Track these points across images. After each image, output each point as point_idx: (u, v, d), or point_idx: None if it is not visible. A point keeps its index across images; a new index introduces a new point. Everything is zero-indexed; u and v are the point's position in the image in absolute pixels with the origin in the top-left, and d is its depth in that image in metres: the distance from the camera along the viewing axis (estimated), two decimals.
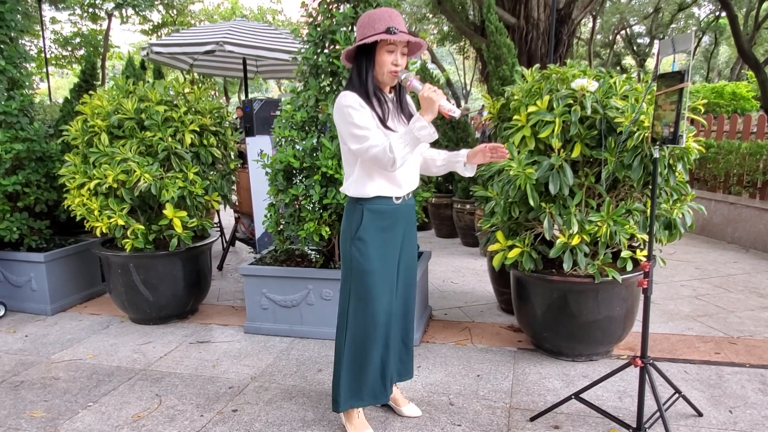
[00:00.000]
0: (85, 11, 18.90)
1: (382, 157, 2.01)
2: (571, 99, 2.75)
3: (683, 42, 1.99)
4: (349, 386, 2.34)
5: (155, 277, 3.69)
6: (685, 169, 2.79)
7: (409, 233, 2.38)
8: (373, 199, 2.20)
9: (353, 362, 2.32)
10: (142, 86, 3.74)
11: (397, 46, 2.09)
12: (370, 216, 2.21)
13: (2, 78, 3.99)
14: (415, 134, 1.99)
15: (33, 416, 2.66)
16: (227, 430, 2.49)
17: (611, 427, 2.44)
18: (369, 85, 2.12)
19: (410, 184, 2.30)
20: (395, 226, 2.28)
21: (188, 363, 3.22)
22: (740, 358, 3.08)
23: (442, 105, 1.97)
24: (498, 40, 3.87)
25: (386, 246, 2.26)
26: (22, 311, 4.16)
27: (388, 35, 2.02)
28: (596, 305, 2.93)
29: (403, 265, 2.37)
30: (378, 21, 2.05)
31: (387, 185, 2.20)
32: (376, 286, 2.24)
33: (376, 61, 2.11)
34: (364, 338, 2.29)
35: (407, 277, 2.43)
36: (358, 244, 2.22)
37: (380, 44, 2.08)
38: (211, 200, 3.81)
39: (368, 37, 2.04)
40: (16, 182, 3.96)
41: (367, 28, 2.06)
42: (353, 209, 2.25)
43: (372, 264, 2.22)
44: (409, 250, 2.41)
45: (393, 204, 2.25)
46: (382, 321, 2.28)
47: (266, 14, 23.72)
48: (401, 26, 2.07)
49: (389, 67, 2.10)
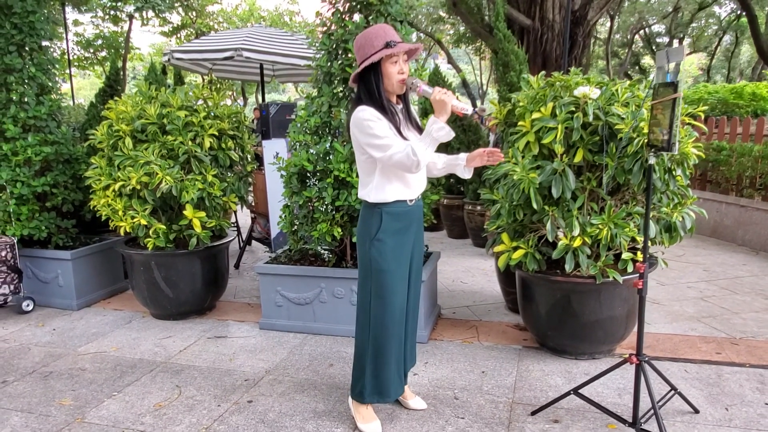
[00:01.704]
0: (107, 13, 19.31)
1: (406, 161, 2.16)
2: (574, 106, 2.85)
3: (676, 54, 2.09)
4: (372, 381, 2.47)
5: (175, 275, 3.87)
6: (685, 174, 2.88)
7: (419, 233, 2.55)
8: (392, 203, 2.36)
9: (376, 358, 2.46)
10: (164, 92, 3.91)
11: (398, 56, 2.25)
12: (389, 218, 2.36)
13: (32, 84, 4.19)
14: (433, 135, 2.16)
15: (62, 404, 2.84)
16: (243, 420, 2.64)
17: (609, 422, 2.54)
18: (383, 98, 2.27)
19: (421, 186, 2.48)
20: (409, 227, 2.44)
21: (206, 356, 3.38)
22: (741, 358, 3.15)
23: (455, 105, 2.14)
24: (506, 47, 3.97)
25: (401, 246, 2.41)
26: (50, 306, 4.36)
27: (389, 49, 2.18)
28: (598, 305, 3.02)
29: (414, 264, 2.53)
30: (375, 38, 2.21)
31: (403, 189, 2.36)
32: (392, 285, 2.39)
33: (384, 74, 2.26)
34: (384, 335, 2.43)
35: (416, 274, 2.59)
36: (377, 245, 2.36)
37: (383, 58, 2.23)
38: (229, 201, 3.97)
39: (373, 55, 2.20)
40: (44, 183, 4.16)
41: (368, 48, 2.22)
42: (371, 213, 2.39)
43: (389, 264, 2.37)
44: (419, 249, 2.57)
45: (407, 206, 2.41)
46: (398, 317, 2.43)
47: (283, 15, 23.93)
48: (396, 37, 2.24)
49: (397, 77, 2.26)
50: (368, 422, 2.52)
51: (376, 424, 2.52)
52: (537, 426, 2.53)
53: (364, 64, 2.23)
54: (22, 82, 4.13)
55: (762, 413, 2.59)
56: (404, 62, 2.28)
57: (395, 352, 2.47)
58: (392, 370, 2.47)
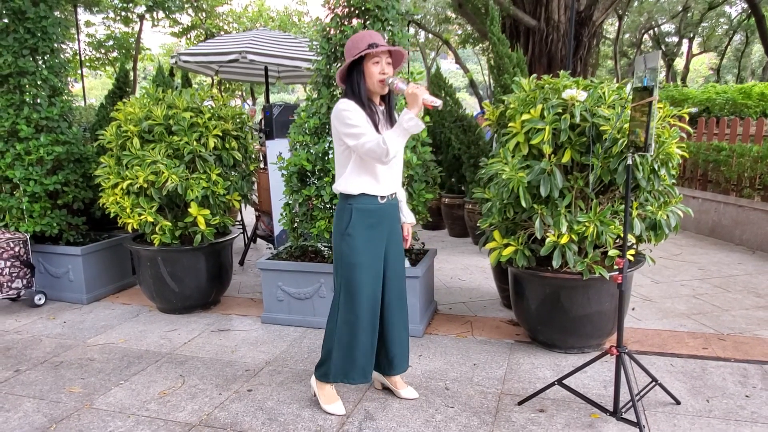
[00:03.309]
0: (118, 14, 19.59)
1: (376, 149, 2.32)
2: (562, 108, 2.95)
3: (651, 60, 2.19)
4: (340, 364, 2.63)
5: (181, 270, 4.01)
6: (669, 174, 2.97)
7: (394, 229, 2.66)
8: (360, 197, 2.51)
9: (344, 344, 2.61)
10: (170, 94, 4.05)
11: (380, 57, 2.43)
12: (359, 214, 2.51)
13: (45, 86, 4.36)
14: (404, 126, 2.30)
15: (71, 391, 2.99)
16: (242, 407, 2.77)
17: (592, 411, 2.64)
18: (362, 94, 2.45)
19: (393, 184, 2.60)
20: (381, 223, 2.57)
21: (209, 348, 3.52)
22: (726, 353, 3.24)
23: (425, 98, 2.28)
24: (500, 51, 4.08)
25: (372, 241, 2.55)
26: (61, 300, 4.52)
27: (370, 50, 2.37)
28: (586, 300, 3.13)
29: (392, 259, 2.65)
30: (360, 41, 2.41)
31: (373, 183, 2.50)
32: (362, 278, 2.53)
33: (366, 73, 2.44)
34: (353, 324, 2.57)
35: (398, 270, 2.70)
36: (347, 239, 2.52)
37: (366, 59, 2.42)
38: (232, 199, 4.10)
39: (356, 55, 2.41)
40: (56, 182, 4.32)
41: (353, 49, 2.42)
42: (343, 208, 2.56)
43: (359, 257, 2.52)
44: (396, 247, 2.68)
45: (378, 203, 2.54)
46: (368, 307, 2.57)
47: (292, 16, 24.11)
48: (380, 42, 2.42)
49: (378, 77, 2.44)
50: (331, 403, 2.69)
51: (338, 404, 2.69)
52: (523, 415, 2.64)
53: (348, 61, 2.43)
54: (35, 84, 4.29)
55: (741, 405, 2.68)
56: (387, 64, 2.45)
57: (366, 341, 2.61)
58: (360, 355, 2.61)
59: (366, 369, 2.65)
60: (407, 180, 3.61)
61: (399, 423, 2.59)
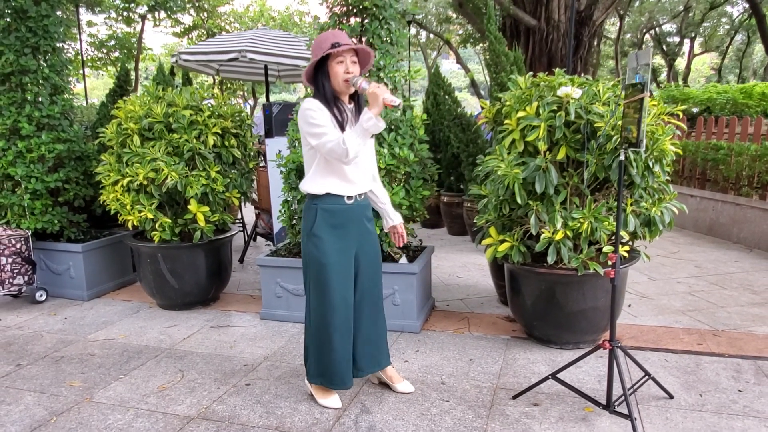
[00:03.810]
0: (120, 14, 19.66)
1: (336, 149, 2.32)
2: (557, 105, 2.98)
3: (644, 57, 2.22)
4: (316, 364, 2.66)
5: (180, 267, 4.05)
6: (663, 170, 3.00)
7: (364, 230, 2.65)
8: (326, 197, 2.51)
9: (319, 346, 2.63)
10: (170, 92, 4.09)
11: (344, 57, 2.42)
12: (323, 214, 2.52)
13: (46, 85, 4.40)
14: (363, 126, 2.30)
15: (72, 385, 3.03)
16: (240, 401, 2.81)
17: (586, 405, 2.67)
18: (327, 93, 2.46)
19: (362, 185, 2.58)
20: (347, 224, 2.56)
21: (208, 344, 3.55)
22: (721, 348, 3.27)
23: (386, 98, 2.28)
24: (497, 49, 4.11)
25: (340, 241, 2.54)
26: (62, 296, 4.56)
27: (333, 50, 2.37)
28: (581, 296, 3.16)
29: (363, 259, 2.65)
30: (324, 42, 2.40)
31: (339, 183, 2.50)
32: (332, 278, 2.53)
33: (330, 73, 2.45)
34: (325, 325, 2.58)
35: (371, 269, 2.70)
36: (313, 239, 2.53)
37: (330, 59, 2.43)
38: (231, 197, 4.14)
39: (319, 56, 2.41)
40: (57, 179, 4.36)
41: (317, 50, 2.42)
42: (309, 208, 2.56)
43: (327, 257, 2.52)
44: (368, 247, 2.67)
45: (345, 204, 2.54)
46: (339, 308, 2.57)
47: (293, 15, 24.16)
48: (344, 40, 2.41)
49: (342, 76, 2.43)
50: (328, 397, 2.72)
51: (335, 398, 2.72)
52: (517, 409, 2.67)
53: (312, 62, 2.44)
54: (36, 82, 4.33)
55: (734, 399, 2.70)
56: (352, 63, 2.44)
57: (341, 343, 2.60)
58: (338, 359, 2.61)
59: (345, 375, 2.64)
60: (404, 177, 3.65)
61: (395, 416, 2.62)
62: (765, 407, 2.62)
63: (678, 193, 6.70)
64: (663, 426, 2.48)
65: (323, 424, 2.57)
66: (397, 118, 3.58)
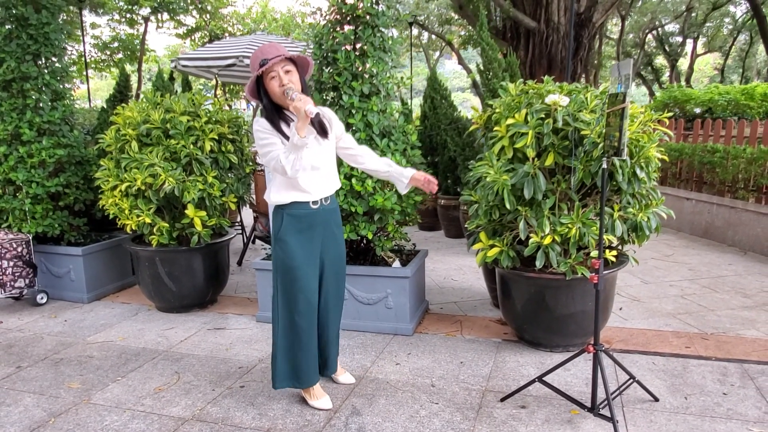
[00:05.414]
0: (123, 16, 19.77)
1: (277, 167, 2.41)
2: (545, 113, 3.04)
3: (625, 67, 2.27)
4: (284, 368, 2.72)
5: (178, 270, 4.11)
6: (649, 177, 3.05)
7: (330, 234, 2.72)
8: (291, 204, 2.59)
9: (288, 346, 2.70)
10: (168, 98, 4.16)
11: (276, 71, 2.46)
12: (289, 219, 2.60)
13: (47, 91, 4.47)
14: (293, 142, 2.34)
15: (71, 387, 3.10)
16: (234, 402, 2.87)
17: (572, 408, 2.73)
18: (269, 108, 2.53)
19: (324, 190, 2.64)
20: (313, 227, 2.64)
21: (205, 346, 3.62)
22: (708, 352, 3.31)
23: (308, 109, 2.28)
24: (489, 55, 4.17)
25: (306, 244, 2.63)
26: (62, 299, 4.64)
27: (262, 68, 2.43)
28: (570, 300, 3.21)
29: (329, 262, 2.74)
30: (254, 61, 2.47)
31: (302, 194, 2.58)
32: (299, 280, 2.61)
33: (268, 90, 2.51)
34: (293, 326, 2.67)
35: (335, 272, 2.79)
36: (280, 243, 2.62)
37: (264, 76, 2.49)
38: (228, 201, 4.20)
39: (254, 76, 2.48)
40: (58, 184, 4.44)
41: (252, 69, 2.49)
42: (276, 214, 2.65)
43: (294, 261, 2.60)
44: (333, 251, 2.76)
45: (310, 209, 2.62)
46: (307, 310, 2.65)
47: (296, 17, 24.22)
48: (271, 54, 2.44)
49: (278, 90, 2.47)
50: (318, 398, 2.79)
51: (325, 399, 2.80)
52: (505, 411, 2.72)
53: (248, 86, 2.51)
54: (37, 88, 4.41)
55: (718, 402, 2.75)
56: (285, 73, 2.47)
57: (308, 343, 2.69)
58: (307, 358, 2.71)
59: (312, 374, 2.75)
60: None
61: (384, 418, 2.68)
62: (748, 410, 2.66)
63: (674, 196, 6.78)
64: (647, 428, 2.54)
65: (314, 426, 2.63)
66: (389, 125, 3.63)
